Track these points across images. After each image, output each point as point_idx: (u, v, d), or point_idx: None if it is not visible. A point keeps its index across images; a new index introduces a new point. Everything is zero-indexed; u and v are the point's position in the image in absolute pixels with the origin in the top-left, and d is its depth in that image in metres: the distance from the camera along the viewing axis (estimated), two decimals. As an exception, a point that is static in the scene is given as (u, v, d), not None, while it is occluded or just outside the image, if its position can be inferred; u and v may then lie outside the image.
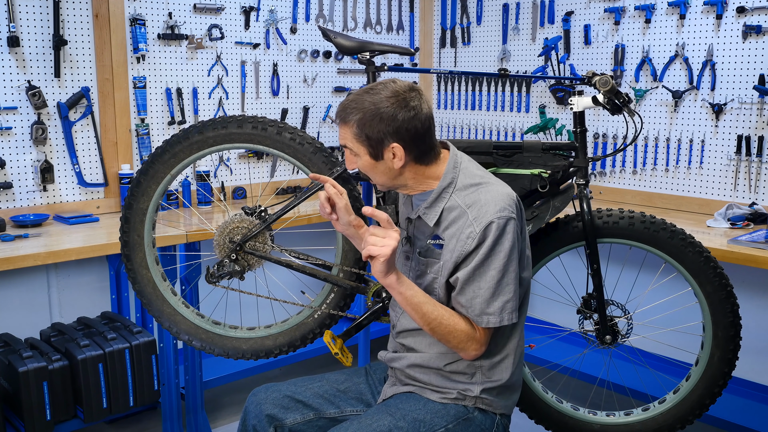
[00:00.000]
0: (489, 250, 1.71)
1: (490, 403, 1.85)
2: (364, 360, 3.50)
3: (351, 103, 1.76)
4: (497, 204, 1.72)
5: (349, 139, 1.78)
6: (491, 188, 1.77)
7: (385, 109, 1.72)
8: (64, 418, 2.73)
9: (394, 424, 1.76)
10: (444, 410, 1.82)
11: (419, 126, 1.74)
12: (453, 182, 1.79)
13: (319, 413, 1.95)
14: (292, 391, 1.97)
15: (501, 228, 1.71)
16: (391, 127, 1.73)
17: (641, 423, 2.24)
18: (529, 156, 2.15)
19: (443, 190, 1.80)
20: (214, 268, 2.13)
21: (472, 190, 1.77)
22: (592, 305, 2.23)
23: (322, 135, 3.98)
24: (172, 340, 2.94)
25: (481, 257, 1.71)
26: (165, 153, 2.15)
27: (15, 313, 3.06)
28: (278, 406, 1.94)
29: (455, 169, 1.81)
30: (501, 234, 1.71)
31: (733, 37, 3.11)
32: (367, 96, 1.75)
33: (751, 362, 3.05)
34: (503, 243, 1.72)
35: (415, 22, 4.32)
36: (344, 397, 1.98)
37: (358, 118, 1.74)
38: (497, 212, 1.71)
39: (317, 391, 1.98)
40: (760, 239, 2.64)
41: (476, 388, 1.83)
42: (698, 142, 3.27)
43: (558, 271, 2.40)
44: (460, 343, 1.76)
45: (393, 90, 1.74)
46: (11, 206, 3.00)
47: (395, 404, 1.84)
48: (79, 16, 3.09)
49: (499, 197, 1.74)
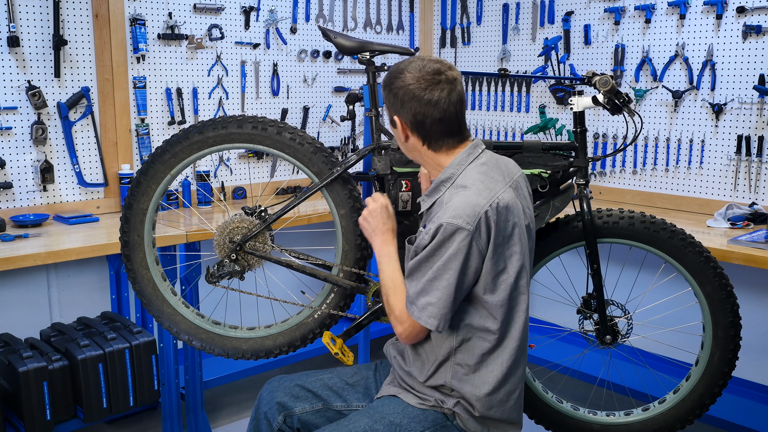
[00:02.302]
0: (433, 250, 1.71)
1: (465, 422, 1.83)
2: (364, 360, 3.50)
3: (394, 66, 1.82)
4: (456, 210, 1.69)
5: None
6: (465, 194, 1.72)
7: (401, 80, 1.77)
8: (64, 418, 2.73)
9: (370, 426, 1.77)
10: (422, 415, 1.82)
11: (429, 111, 1.75)
12: (452, 178, 1.78)
13: (327, 404, 1.99)
14: (303, 381, 2.01)
15: (447, 234, 1.68)
16: (396, 102, 1.79)
17: (641, 423, 2.24)
18: (529, 156, 2.15)
19: (441, 182, 1.81)
20: (214, 268, 2.13)
21: (459, 190, 1.74)
22: (592, 305, 2.23)
23: (322, 135, 3.98)
24: (172, 340, 2.94)
25: (427, 253, 1.72)
26: (165, 153, 2.15)
27: (15, 313, 3.05)
28: (289, 394, 1.98)
29: (459, 167, 1.79)
30: (445, 239, 1.69)
31: (733, 37, 3.11)
32: (398, 64, 1.81)
33: (751, 362, 3.05)
34: (446, 248, 1.69)
35: (415, 22, 4.32)
36: (351, 391, 2.02)
37: (384, 79, 1.82)
38: (449, 218, 1.68)
39: (327, 382, 2.02)
40: (760, 239, 2.64)
41: (451, 401, 1.83)
42: (698, 142, 3.27)
43: (558, 271, 2.40)
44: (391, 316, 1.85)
45: (421, 66, 1.76)
46: (11, 206, 3.00)
47: (376, 406, 1.86)
48: (79, 16, 3.09)
49: (462, 205, 1.69)
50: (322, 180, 2.12)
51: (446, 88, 1.74)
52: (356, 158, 2.18)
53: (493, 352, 1.80)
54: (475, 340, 1.80)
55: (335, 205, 2.15)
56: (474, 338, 1.80)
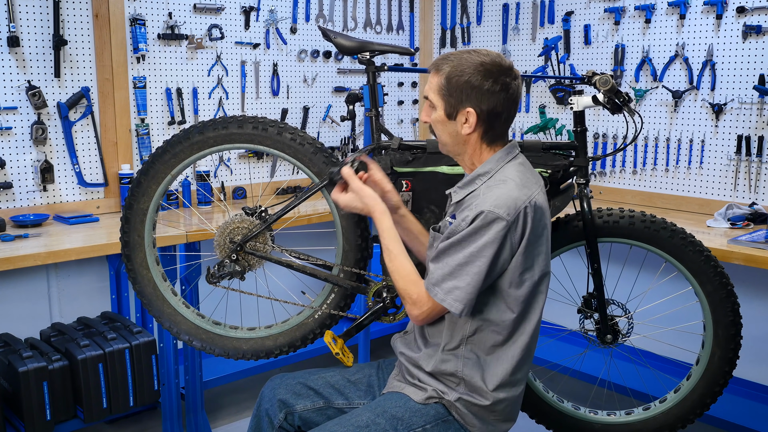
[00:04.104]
0: (467, 234, 1.72)
1: (464, 416, 1.84)
2: (364, 360, 3.50)
3: (451, 56, 1.80)
4: (498, 200, 1.72)
5: (434, 89, 1.81)
6: (506, 187, 1.75)
7: (477, 72, 1.74)
8: (64, 418, 2.73)
9: (372, 420, 1.78)
10: (424, 410, 1.83)
11: (500, 104, 1.76)
12: (489, 173, 1.82)
13: (328, 402, 1.99)
14: (305, 379, 2.02)
15: (486, 221, 1.71)
16: (475, 93, 1.75)
17: (642, 422, 2.24)
18: (529, 156, 2.14)
19: (478, 176, 1.83)
20: (215, 268, 2.13)
21: (498, 183, 1.78)
22: (593, 305, 2.23)
23: (322, 135, 3.98)
24: (172, 340, 2.94)
25: (460, 237, 1.73)
26: (165, 153, 2.15)
27: (15, 313, 3.05)
28: (291, 392, 1.99)
29: (498, 163, 1.82)
30: (483, 226, 1.71)
31: (733, 37, 3.12)
32: (468, 55, 1.78)
33: (751, 362, 3.05)
34: (481, 236, 1.71)
35: (415, 22, 4.32)
36: (354, 389, 2.02)
37: (449, 71, 1.77)
38: (491, 206, 1.71)
39: (329, 380, 2.02)
40: (760, 239, 2.64)
41: (453, 395, 1.83)
42: (698, 142, 3.27)
43: (558, 270, 2.39)
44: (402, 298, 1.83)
45: (494, 60, 1.76)
46: (11, 206, 2.99)
47: (378, 401, 1.87)
48: (79, 16, 3.09)
49: (504, 196, 1.72)
50: (322, 180, 2.12)
51: (511, 77, 1.78)
52: (356, 158, 2.18)
53: (504, 345, 1.82)
54: (488, 332, 1.81)
55: (335, 205, 2.14)
56: (487, 329, 1.81)
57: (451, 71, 1.76)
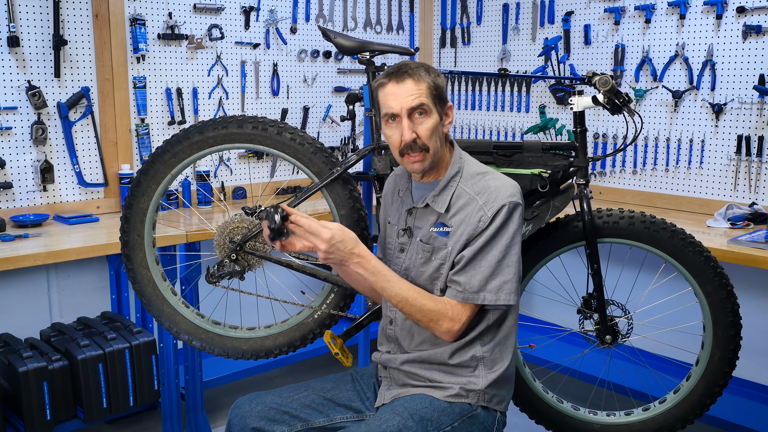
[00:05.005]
0: (495, 232, 1.76)
1: (492, 398, 1.85)
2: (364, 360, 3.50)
3: (413, 62, 1.81)
4: (507, 189, 1.78)
5: (425, 94, 1.76)
6: (498, 176, 1.83)
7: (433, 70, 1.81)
8: (64, 418, 2.73)
9: (403, 424, 1.74)
10: (449, 408, 1.82)
11: None
12: (460, 171, 1.85)
13: (307, 423, 1.90)
14: (278, 403, 1.91)
15: (510, 212, 1.76)
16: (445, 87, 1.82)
17: (642, 423, 2.24)
18: (529, 156, 2.15)
19: (451, 178, 1.84)
20: (214, 268, 2.13)
21: (479, 178, 1.83)
22: (593, 305, 2.23)
23: (322, 135, 3.98)
24: (172, 340, 2.94)
25: (487, 237, 1.76)
26: (165, 153, 2.15)
27: (15, 313, 3.05)
28: (264, 418, 1.88)
29: (461, 160, 1.87)
30: (509, 217, 1.77)
31: (733, 37, 3.11)
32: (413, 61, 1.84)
33: (751, 362, 3.05)
34: (509, 226, 1.77)
35: (415, 22, 4.32)
36: (332, 405, 1.94)
37: (431, 72, 1.79)
38: (508, 197, 1.77)
39: (304, 401, 1.93)
40: (760, 239, 2.64)
41: (480, 382, 1.83)
42: (698, 142, 3.27)
43: (558, 271, 2.39)
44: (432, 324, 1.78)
45: None
46: (11, 206, 2.99)
47: (401, 404, 1.83)
48: (79, 16, 3.09)
49: (508, 184, 1.80)
50: (322, 180, 2.12)
51: None
52: (356, 158, 2.18)
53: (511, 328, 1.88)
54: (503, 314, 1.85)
55: (335, 205, 2.15)
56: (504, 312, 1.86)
57: (431, 71, 1.80)
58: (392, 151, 1.83)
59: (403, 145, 1.77)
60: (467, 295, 1.78)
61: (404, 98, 1.75)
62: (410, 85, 1.75)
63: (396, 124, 1.78)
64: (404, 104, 1.75)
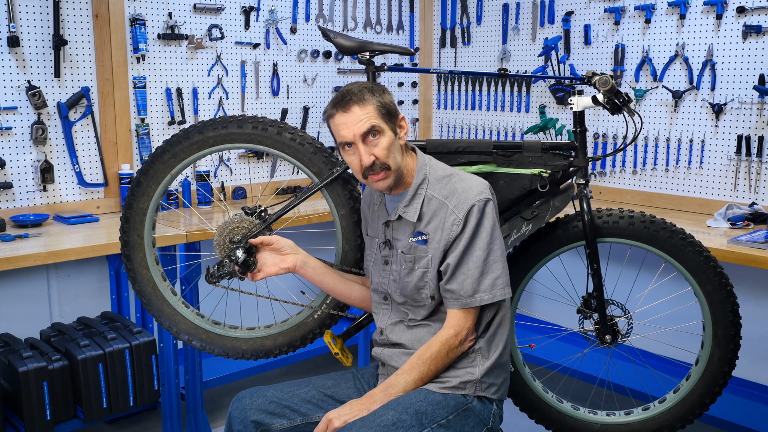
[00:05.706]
0: (472, 233, 1.80)
1: (488, 387, 1.87)
2: (363, 360, 3.50)
3: (355, 86, 1.82)
4: (474, 189, 1.82)
5: (374, 116, 1.79)
6: (463, 177, 1.87)
7: (381, 88, 1.85)
8: (64, 418, 2.73)
9: (397, 418, 1.76)
10: (444, 401, 1.83)
11: None
12: (426, 178, 1.88)
13: (306, 418, 1.93)
14: (278, 397, 1.94)
15: (481, 210, 1.80)
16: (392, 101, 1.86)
17: (641, 422, 2.24)
18: (529, 156, 2.15)
19: (419, 186, 1.87)
20: (214, 268, 2.13)
21: (445, 182, 1.86)
22: (592, 305, 2.23)
23: (322, 135, 3.98)
24: (172, 340, 2.94)
25: (467, 240, 1.80)
26: (165, 153, 2.15)
27: (15, 313, 3.05)
28: (264, 411, 1.92)
29: (426, 166, 1.90)
30: (482, 216, 1.80)
31: (733, 37, 3.11)
32: (360, 83, 1.86)
33: (751, 362, 3.05)
34: (484, 224, 1.80)
35: (415, 22, 4.32)
36: (332, 402, 1.96)
37: (375, 92, 1.81)
38: (475, 196, 1.81)
39: (304, 396, 1.96)
40: (760, 239, 2.64)
41: (477, 371, 1.86)
42: (698, 142, 3.27)
43: (558, 271, 2.40)
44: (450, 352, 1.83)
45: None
46: (11, 206, 3.00)
47: (396, 398, 1.84)
48: (79, 16, 3.09)
49: (474, 183, 1.84)
50: (322, 180, 2.12)
51: None
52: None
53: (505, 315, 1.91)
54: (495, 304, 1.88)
55: (335, 205, 2.15)
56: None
57: (374, 90, 1.82)
58: (356, 175, 1.88)
59: (364, 169, 1.82)
60: (464, 300, 1.81)
61: (354, 125, 1.79)
62: (357, 112, 1.79)
63: (353, 150, 1.82)
64: (355, 131, 1.79)
